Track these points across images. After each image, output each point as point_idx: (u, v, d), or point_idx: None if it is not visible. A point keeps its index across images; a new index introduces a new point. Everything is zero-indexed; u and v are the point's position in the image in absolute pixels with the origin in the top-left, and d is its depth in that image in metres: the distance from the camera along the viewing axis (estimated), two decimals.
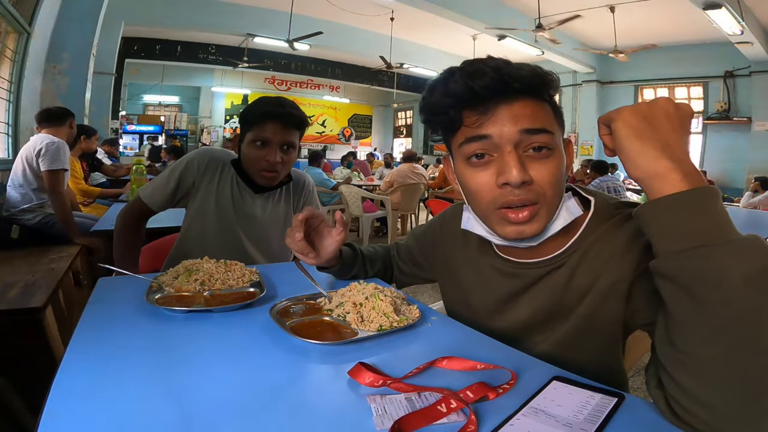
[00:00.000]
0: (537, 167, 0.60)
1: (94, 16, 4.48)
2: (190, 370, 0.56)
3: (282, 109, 1.23)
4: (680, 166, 0.46)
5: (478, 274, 0.77)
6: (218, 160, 1.33)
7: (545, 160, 0.60)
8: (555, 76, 0.62)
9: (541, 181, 0.60)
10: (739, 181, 7.76)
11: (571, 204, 0.64)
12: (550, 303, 0.68)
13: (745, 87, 7.86)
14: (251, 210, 1.33)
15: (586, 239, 0.65)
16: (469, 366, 0.57)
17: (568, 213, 0.64)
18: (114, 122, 7.47)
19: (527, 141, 0.60)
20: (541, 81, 0.61)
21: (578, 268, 0.65)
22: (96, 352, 0.60)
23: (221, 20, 7.78)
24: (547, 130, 0.60)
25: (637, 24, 7.25)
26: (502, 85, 0.58)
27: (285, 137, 1.23)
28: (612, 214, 0.65)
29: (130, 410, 0.47)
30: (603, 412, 0.48)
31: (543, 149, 0.60)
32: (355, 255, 0.95)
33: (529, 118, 0.59)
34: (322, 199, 5.53)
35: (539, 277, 0.69)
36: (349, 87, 12.86)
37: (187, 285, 0.84)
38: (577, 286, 0.65)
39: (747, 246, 0.42)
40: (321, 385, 0.57)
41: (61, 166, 2.26)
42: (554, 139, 0.61)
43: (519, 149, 0.60)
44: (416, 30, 8.82)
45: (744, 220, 3.16)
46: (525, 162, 0.59)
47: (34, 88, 3.83)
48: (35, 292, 1.46)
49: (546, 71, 0.62)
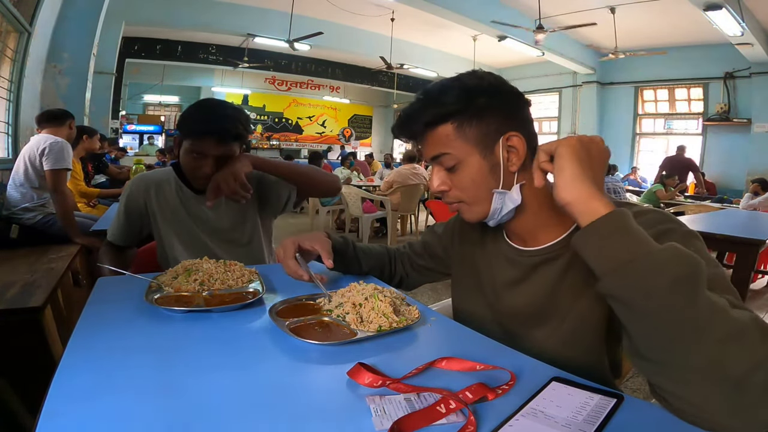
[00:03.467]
0: (452, 178, 0.73)
1: (95, 16, 4.47)
2: (189, 370, 0.56)
3: (217, 124, 1.17)
4: (601, 193, 0.55)
5: (489, 258, 0.83)
6: (153, 179, 1.30)
7: (456, 172, 0.72)
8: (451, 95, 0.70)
9: (457, 188, 0.73)
10: (738, 183, 7.75)
11: (513, 194, 0.71)
12: (544, 296, 0.72)
13: (745, 88, 7.86)
14: (205, 214, 1.30)
15: None
16: (468, 367, 0.57)
17: (511, 201, 0.71)
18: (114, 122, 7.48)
19: (437, 163, 0.74)
20: (432, 115, 0.71)
21: (573, 266, 0.69)
22: (95, 351, 0.60)
23: (221, 20, 7.78)
24: (443, 153, 0.72)
25: (638, 25, 7.26)
26: (410, 132, 0.75)
27: (220, 151, 1.18)
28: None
29: (129, 410, 0.47)
30: (602, 412, 0.48)
31: (452, 166, 0.72)
32: (346, 244, 0.97)
33: (430, 147, 0.73)
34: (322, 200, 5.53)
35: (534, 267, 0.74)
36: (349, 87, 12.86)
37: (187, 285, 0.84)
38: (571, 284, 0.69)
39: (667, 257, 0.46)
40: (320, 386, 0.56)
41: (65, 165, 2.26)
42: (456, 155, 0.71)
43: (438, 166, 0.74)
44: (416, 30, 8.83)
45: (744, 222, 3.16)
46: (443, 174, 0.74)
47: (35, 87, 3.83)
48: (34, 291, 1.46)
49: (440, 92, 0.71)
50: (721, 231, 2.52)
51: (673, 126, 9.34)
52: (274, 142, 12.66)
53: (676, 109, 9.22)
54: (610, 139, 10.00)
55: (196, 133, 1.17)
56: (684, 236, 0.58)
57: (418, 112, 0.72)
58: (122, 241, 1.33)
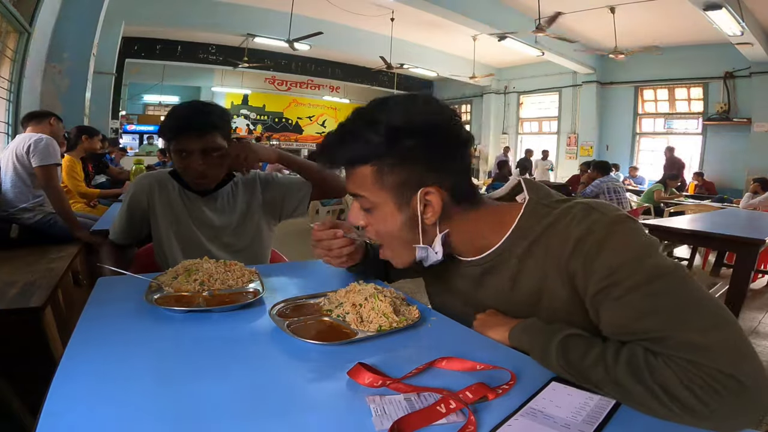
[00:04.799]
0: (367, 218, 0.72)
1: (95, 16, 4.47)
2: (189, 370, 0.56)
3: (190, 120, 1.21)
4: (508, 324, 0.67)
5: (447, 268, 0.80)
6: (157, 178, 1.32)
7: (370, 213, 0.71)
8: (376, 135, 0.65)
9: (372, 230, 0.72)
10: (738, 182, 7.75)
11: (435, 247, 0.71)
12: (503, 302, 0.71)
13: (745, 88, 7.86)
14: (207, 217, 1.31)
15: (519, 242, 0.68)
16: (468, 366, 0.57)
17: (434, 255, 0.71)
18: (114, 122, 7.48)
19: (355, 200, 0.72)
20: (352, 152, 0.68)
21: (521, 274, 0.68)
22: (95, 351, 0.60)
23: (221, 20, 7.79)
24: (359, 195, 0.70)
25: (638, 25, 7.25)
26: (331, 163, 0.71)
27: (202, 144, 1.20)
28: (541, 214, 0.67)
29: (129, 410, 0.47)
30: (601, 413, 0.49)
31: (368, 208, 0.70)
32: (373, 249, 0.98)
33: (349, 182, 0.71)
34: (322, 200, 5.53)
35: (478, 278, 0.74)
36: (349, 87, 12.86)
37: (187, 285, 0.84)
38: (526, 293, 0.68)
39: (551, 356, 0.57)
40: (320, 386, 0.56)
41: (54, 160, 2.25)
42: (369, 199, 0.69)
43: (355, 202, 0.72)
44: (416, 30, 8.82)
45: (744, 222, 3.16)
46: (359, 210, 0.72)
47: (34, 88, 3.83)
48: (34, 291, 1.46)
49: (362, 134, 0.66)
50: (721, 231, 2.52)
51: (673, 126, 9.34)
52: (274, 142, 12.65)
53: (676, 109, 9.22)
54: (610, 138, 10.02)
55: (176, 131, 1.21)
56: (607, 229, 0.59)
57: (339, 146, 0.68)
58: (124, 240, 1.33)
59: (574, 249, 0.60)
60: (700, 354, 0.48)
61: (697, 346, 0.48)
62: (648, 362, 0.50)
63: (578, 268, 0.60)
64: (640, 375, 0.49)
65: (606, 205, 0.64)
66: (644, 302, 0.53)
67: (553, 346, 0.57)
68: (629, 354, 0.52)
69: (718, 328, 0.50)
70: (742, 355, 0.48)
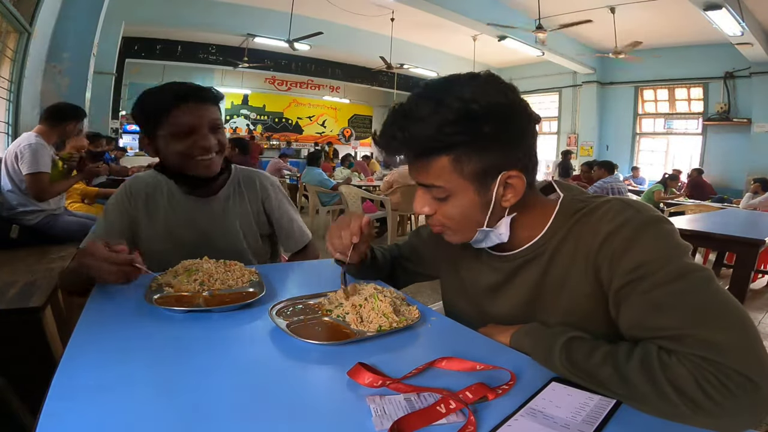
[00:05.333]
0: (437, 206, 0.69)
1: (95, 16, 4.47)
2: (189, 370, 0.56)
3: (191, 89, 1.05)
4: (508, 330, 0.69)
5: (471, 264, 0.81)
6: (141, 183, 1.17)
7: (443, 202, 0.68)
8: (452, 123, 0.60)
9: (444, 216, 0.70)
10: (738, 183, 7.76)
11: (502, 229, 0.70)
12: (529, 296, 0.72)
13: (745, 88, 7.87)
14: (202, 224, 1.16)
15: (555, 235, 0.69)
16: (468, 366, 0.57)
17: (497, 237, 0.71)
18: (114, 122, 7.47)
19: (426, 190, 0.69)
20: (427, 143, 0.63)
21: (551, 265, 0.69)
22: (95, 352, 0.60)
23: (221, 20, 7.79)
24: (434, 185, 0.67)
25: (638, 25, 7.25)
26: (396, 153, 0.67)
27: (210, 114, 1.06)
28: (576, 208, 0.68)
29: (129, 410, 0.47)
30: (601, 413, 0.49)
31: (443, 198, 0.68)
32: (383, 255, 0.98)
33: (421, 174, 0.67)
34: (322, 199, 5.53)
35: (514, 270, 0.73)
36: (349, 87, 12.86)
37: (187, 285, 0.84)
38: (552, 282, 0.69)
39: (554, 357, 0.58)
40: (320, 386, 0.57)
41: (43, 168, 2.20)
42: (447, 188, 0.66)
43: (425, 190, 0.70)
44: (416, 30, 8.82)
45: (744, 222, 3.16)
46: (429, 199, 0.69)
47: (35, 88, 3.83)
48: (35, 291, 1.46)
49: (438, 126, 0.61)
50: (721, 231, 2.52)
51: (673, 126, 9.34)
52: (274, 142, 12.66)
53: (676, 109, 9.23)
54: (610, 138, 10.02)
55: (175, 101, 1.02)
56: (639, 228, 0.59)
57: (407, 136, 0.62)
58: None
59: (603, 242, 0.61)
60: (715, 352, 0.48)
61: (713, 345, 0.49)
62: (662, 360, 0.50)
63: (605, 262, 0.60)
64: (653, 373, 0.49)
65: (643, 204, 0.64)
66: (666, 299, 0.54)
67: (557, 348, 0.58)
68: (643, 352, 0.52)
69: (736, 329, 0.50)
70: (758, 357, 0.48)
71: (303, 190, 6.19)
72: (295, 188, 6.70)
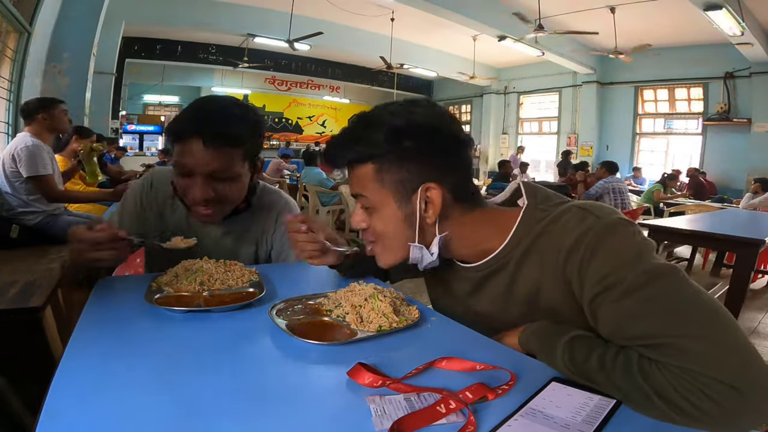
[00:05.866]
0: (369, 219, 0.72)
1: (95, 16, 4.48)
2: (189, 370, 0.56)
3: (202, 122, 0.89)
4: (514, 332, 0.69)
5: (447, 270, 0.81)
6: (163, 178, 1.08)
7: (372, 214, 0.72)
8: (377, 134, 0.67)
9: (372, 229, 0.72)
10: (738, 183, 7.76)
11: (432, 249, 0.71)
12: (501, 305, 0.72)
13: (745, 88, 7.87)
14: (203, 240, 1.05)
15: (517, 246, 0.69)
16: (468, 367, 0.57)
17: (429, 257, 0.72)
18: (114, 122, 7.48)
19: (357, 200, 0.73)
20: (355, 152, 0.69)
21: (518, 275, 0.69)
22: (95, 352, 0.60)
23: (221, 20, 7.79)
24: (360, 194, 0.71)
25: (638, 25, 7.26)
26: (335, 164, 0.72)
27: (213, 164, 0.90)
28: (538, 218, 0.68)
29: (129, 410, 0.47)
30: (601, 413, 0.49)
31: (368, 208, 0.72)
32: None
33: (352, 183, 0.72)
34: (322, 199, 5.54)
35: (480, 281, 0.74)
36: (349, 87, 12.87)
37: (187, 285, 0.84)
38: (521, 295, 0.69)
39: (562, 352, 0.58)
40: (320, 386, 0.56)
41: (43, 171, 2.18)
42: (371, 199, 0.70)
43: (357, 202, 0.73)
44: (416, 30, 8.83)
45: (744, 222, 3.16)
46: (361, 212, 0.73)
47: (35, 87, 3.83)
48: (34, 291, 1.46)
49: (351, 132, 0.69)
50: (721, 231, 2.52)
51: (673, 126, 9.34)
52: (274, 142, 12.66)
53: (676, 109, 9.23)
54: (610, 139, 10.02)
55: (183, 133, 0.91)
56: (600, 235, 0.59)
57: (341, 147, 0.71)
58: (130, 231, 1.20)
59: (568, 256, 0.61)
60: (693, 362, 0.47)
61: (689, 353, 0.48)
62: (642, 368, 0.50)
63: (573, 275, 0.60)
64: (635, 381, 0.50)
65: (602, 208, 0.63)
66: (637, 307, 0.53)
67: (559, 348, 0.58)
68: (624, 359, 0.52)
69: (714, 333, 0.49)
70: (740, 361, 0.47)
71: (303, 190, 6.20)
72: (295, 188, 6.71)
